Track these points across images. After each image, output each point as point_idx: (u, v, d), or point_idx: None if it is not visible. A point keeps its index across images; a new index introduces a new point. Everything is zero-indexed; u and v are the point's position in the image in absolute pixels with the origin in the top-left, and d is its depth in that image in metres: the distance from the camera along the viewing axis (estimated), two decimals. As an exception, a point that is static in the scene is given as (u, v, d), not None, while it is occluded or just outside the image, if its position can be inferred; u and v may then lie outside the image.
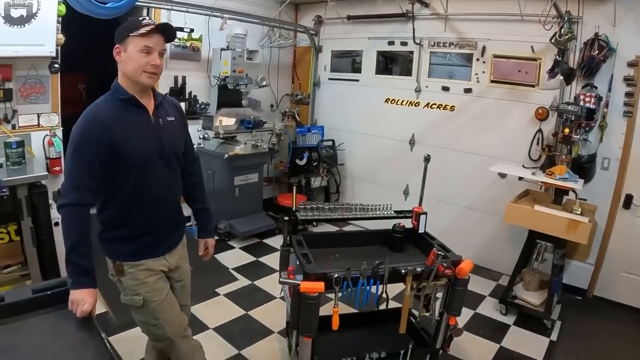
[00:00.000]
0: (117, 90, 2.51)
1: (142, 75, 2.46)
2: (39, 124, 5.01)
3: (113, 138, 2.39)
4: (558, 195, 4.89)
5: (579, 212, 4.53)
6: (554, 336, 4.67)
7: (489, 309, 5.17)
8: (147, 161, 2.53)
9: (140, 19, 2.47)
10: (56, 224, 4.62)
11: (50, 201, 4.66)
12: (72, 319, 2.19)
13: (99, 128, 2.38)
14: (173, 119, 2.74)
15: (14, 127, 4.81)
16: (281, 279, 3.20)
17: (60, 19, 4.73)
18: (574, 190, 4.72)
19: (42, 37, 4.60)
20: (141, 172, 2.52)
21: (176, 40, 6.29)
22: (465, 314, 4.88)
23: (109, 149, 2.39)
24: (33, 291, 2.28)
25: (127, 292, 2.69)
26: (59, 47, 4.86)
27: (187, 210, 3.03)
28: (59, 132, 5.12)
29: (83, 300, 2.24)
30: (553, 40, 4.76)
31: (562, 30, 4.69)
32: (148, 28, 2.41)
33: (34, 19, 4.49)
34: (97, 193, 2.46)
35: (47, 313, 2.21)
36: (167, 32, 2.53)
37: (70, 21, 4.87)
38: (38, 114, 5.00)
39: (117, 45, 2.48)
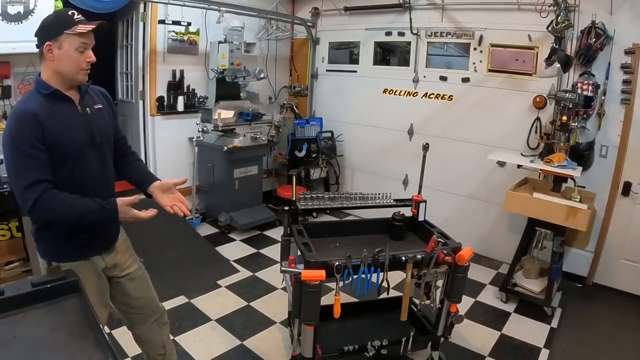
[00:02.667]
0: (41, 86, 2.42)
1: (80, 74, 2.44)
2: (37, 120, 5.00)
3: (45, 132, 2.32)
4: (557, 183, 4.90)
5: (577, 200, 4.54)
6: (554, 323, 4.69)
7: (490, 297, 5.19)
8: (80, 151, 2.45)
9: (70, 13, 2.40)
10: (57, 219, 4.62)
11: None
12: (72, 311, 2.17)
13: (31, 123, 2.29)
14: (100, 106, 2.67)
15: (13, 123, 4.81)
16: (282, 268, 3.22)
17: (57, 14, 4.73)
18: (572, 178, 4.72)
19: (40, 33, 4.60)
20: (74, 163, 2.44)
21: (174, 34, 6.31)
22: (466, 302, 4.91)
23: (43, 142, 2.32)
24: (33, 284, 2.24)
25: None
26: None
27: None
28: (58, 128, 5.11)
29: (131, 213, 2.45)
30: (550, 29, 4.75)
31: (559, 18, 4.69)
32: (88, 27, 2.39)
33: (31, 15, 4.50)
34: (53, 181, 2.37)
35: (46, 306, 2.17)
36: (101, 27, 2.48)
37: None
38: (37, 110, 4.99)
39: (48, 42, 2.34)
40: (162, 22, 6.14)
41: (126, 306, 2.94)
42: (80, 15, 2.41)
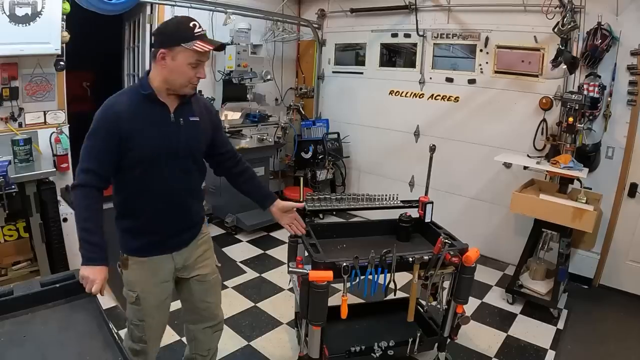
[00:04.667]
0: (141, 85, 2.49)
1: (188, 87, 2.46)
2: (45, 122, 5.04)
3: (123, 130, 2.38)
4: (563, 185, 4.90)
5: (584, 201, 4.54)
6: (560, 325, 4.68)
7: (496, 298, 5.19)
8: (155, 158, 2.49)
9: (192, 25, 2.40)
10: (65, 219, 4.67)
11: (59, 197, 4.70)
12: (81, 311, 2.19)
13: (112, 118, 2.39)
14: (197, 119, 2.64)
15: (20, 125, 4.85)
16: (290, 269, 3.23)
17: (64, 16, 4.75)
18: (578, 179, 4.73)
19: (47, 35, 4.63)
20: (148, 168, 2.49)
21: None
22: (473, 304, 4.90)
23: (118, 140, 2.39)
24: (42, 284, 2.27)
25: (125, 285, 2.73)
26: (64, 45, 4.89)
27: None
28: (66, 129, 5.14)
29: (93, 278, 2.27)
30: (556, 30, 4.76)
31: (565, 19, 4.70)
32: (207, 48, 2.39)
33: (39, 17, 4.51)
34: (105, 178, 2.45)
35: (55, 306, 2.20)
36: (218, 47, 2.48)
37: (75, 19, 4.89)
38: (44, 112, 5.03)
39: (162, 50, 2.39)
40: (169, 24, 6.13)
41: (188, 303, 2.99)
42: (201, 29, 2.41)
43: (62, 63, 4.98)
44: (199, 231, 2.92)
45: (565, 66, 4.83)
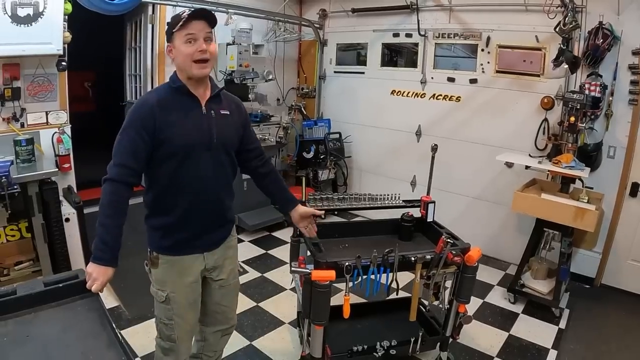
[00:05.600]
0: (172, 80, 2.55)
1: (193, 67, 2.45)
2: (47, 122, 5.04)
3: (157, 121, 2.42)
4: (565, 184, 4.90)
5: (585, 200, 4.54)
6: (562, 324, 4.69)
7: (498, 297, 5.19)
8: (189, 150, 2.51)
9: (181, 11, 2.46)
10: (67, 219, 4.67)
11: (61, 197, 4.71)
12: (84, 311, 2.19)
13: (146, 112, 2.43)
14: (228, 113, 2.69)
15: (22, 125, 4.85)
16: (292, 268, 3.24)
17: (66, 17, 4.76)
18: (580, 179, 4.72)
19: (49, 36, 4.63)
20: (182, 160, 2.51)
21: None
22: (474, 303, 4.91)
23: (152, 132, 2.42)
24: (45, 284, 2.26)
25: (154, 284, 2.73)
26: (66, 45, 4.89)
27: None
28: (68, 130, 5.14)
29: (96, 276, 2.27)
30: (557, 30, 4.76)
31: (566, 19, 4.70)
32: (185, 16, 2.40)
33: (41, 17, 4.51)
34: (138, 173, 2.47)
35: (58, 305, 2.19)
36: (206, 17, 2.46)
37: (77, 19, 4.90)
38: (46, 112, 5.03)
39: (168, 45, 2.51)
40: (170, 24, 6.15)
41: (205, 305, 2.96)
42: (188, 11, 2.45)
43: (64, 63, 4.99)
44: (230, 231, 2.95)
45: (566, 66, 4.83)
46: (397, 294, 3.34)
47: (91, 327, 2.10)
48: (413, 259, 3.22)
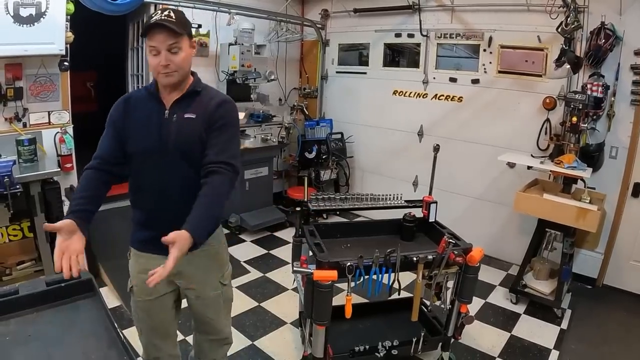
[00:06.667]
0: (150, 83, 2.55)
1: (159, 76, 2.40)
2: (49, 122, 5.05)
3: (124, 122, 2.47)
4: (567, 184, 4.91)
5: (587, 201, 4.54)
6: (564, 324, 4.69)
7: (500, 298, 5.19)
8: (145, 155, 2.48)
9: (151, 18, 2.36)
10: (69, 219, 4.66)
11: (63, 197, 4.72)
12: (86, 310, 2.20)
13: (118, 110, 2.50)
14: (193, 116, 2.48)
15: (25, 125, 4.86)
16: (295, 268, 3.23)
17: (68, 17, 4.77)
18: (582, 179, 4.72)
19: (52, 36, 4.65)
20: (141, 163, 2.51)
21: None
22: (476, 304, 4.90)
23: (120, 129, 2.48)
24: (47, 284, 2.28)
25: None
26: (68, 45, 4.90)
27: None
28: (70, 129, 5.15)
29: (59, 226, 2.16)
30: (559, 30, 4.76)
31: (569, 19, 4.70)
32: (145, 27, 2.33)
33: (43, 17, 4.53)
34: (110, 163, 2.49)
35: (60, 305, 2.20)
36: (167, 27, 2.29)
37: (79, 19, 4.91)
38: (49, 112, 5.04)
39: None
40: (172, 24, 6.16)
41: (192, 314, 2.93)
42: (157, 16, 2.34)
43: (66, 63, 5.00)
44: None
45: (568, 66, 4.83)
46: (399, 294, 3.35)
47: (93, 326, 2.11)
48: (415, 259, 3.23)
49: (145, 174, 2.52)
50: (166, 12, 2.34)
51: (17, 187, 4.16)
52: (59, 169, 4.71)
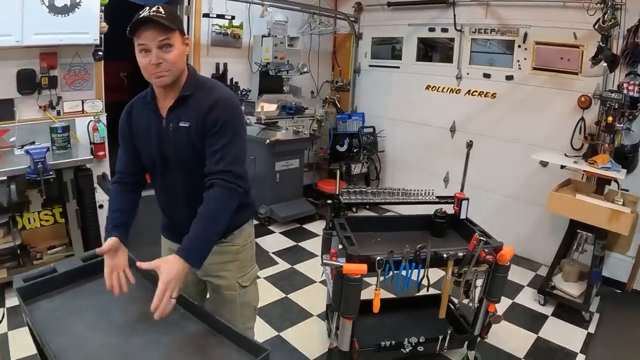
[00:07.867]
0: (149, 88, 2.42)
1: (152, 78, 2.25)
2: (83, 110, 5.13)
3: (131, 135, 2.48)
4: (600, 185, 4.83)
5: (620, 203, 4.47)
6: (591, 328, 4.62)
7: (528, 298, 5.14)
8: (153, 161, 2.47)
9: (136, 17, 2.19)
10: (100, 206, 4.75)
11: (95, 184, 4.78)
12: (127, 280, 2.26)
13: (123, 124, 2.49)
14: (187, 125, 2.32)
15: (59, 113, 4.95)
16: (324, 261, 3.24)
17: (102, 7, 4.82)
18: (616, 180, 4.65)
19: (86, 26, 4.73)
20: (150, 169, 2.54)
21: (217, 27, 6.37)
22: (504, 303, 4.85)
23: (130, 138, 2.49)
24: (82, 260, 2.43)
25: None
26: (102, 35, 4.95)
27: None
28: (103, 118, 5.22)
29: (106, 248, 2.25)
30: (596, 27, 4.67)
31: (606, 16, 4.61)
32: (132, 23, 2.19)
33: (78, 7, 4.60)
34: (131, 173, 2.55)
35: (98, 279, 2.28)
36: (156, 22, 2.15)
37: (113, 9, 4.95)
38: (82, 101, 5.12)
39: None
40: (206, 15, 6.24)
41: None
42: (144, 13, 2.17)
43: (100, 53, 5.07)
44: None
45: (605, 64, 4.75)
46: (427, 291, 3.33)
47: (137, 292, 2.23)
48: (445, 255, 3.20)
49: (155, 179, 2.57)
50: (155, 8, 2.20)
51: (50, 173, 4.20)
52: (92, 157, 4.78)
